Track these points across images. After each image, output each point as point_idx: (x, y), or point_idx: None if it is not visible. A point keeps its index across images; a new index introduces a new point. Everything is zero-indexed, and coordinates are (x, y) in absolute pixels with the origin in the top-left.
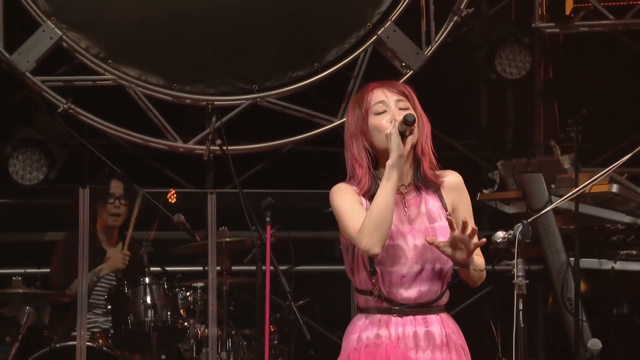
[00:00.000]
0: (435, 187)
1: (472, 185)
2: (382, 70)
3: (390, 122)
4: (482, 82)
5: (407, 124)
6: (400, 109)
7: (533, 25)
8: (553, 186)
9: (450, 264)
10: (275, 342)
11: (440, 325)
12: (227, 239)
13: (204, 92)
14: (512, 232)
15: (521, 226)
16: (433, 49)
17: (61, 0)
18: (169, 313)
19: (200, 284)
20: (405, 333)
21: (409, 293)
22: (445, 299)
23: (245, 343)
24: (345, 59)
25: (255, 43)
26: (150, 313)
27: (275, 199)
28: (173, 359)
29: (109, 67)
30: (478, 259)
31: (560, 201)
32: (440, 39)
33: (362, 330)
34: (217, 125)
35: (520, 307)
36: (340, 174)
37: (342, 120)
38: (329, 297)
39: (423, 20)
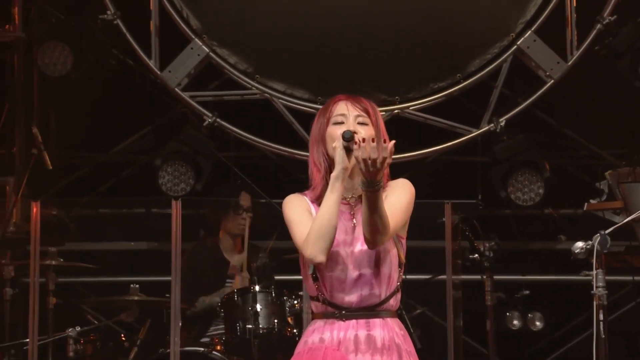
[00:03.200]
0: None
1: None
2: (524, 80)
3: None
4: (625, 90)
5: (344, 139)
6: (359, 123)
7: None
8: None
9: (390, 266)
10: None
11: (384, 329)
12: None
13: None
14: (590, 242)
15: (599, 237)
16: (575, 58)
17: (212, 18)
18: (276, 320)
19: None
20: (347, 336)
21: (350, 297)
22: (393, 303)
23: None
24: (487, 69)
25: (399, 55)
26: (258, 321)
27: None
28: None
29: (256, 81)
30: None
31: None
32: (583, 48)
33: (309, 335)
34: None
35: (601, 317)
36: (477, 183)
37: (483, 130)
38: (442, 307)
39: (568, 28)
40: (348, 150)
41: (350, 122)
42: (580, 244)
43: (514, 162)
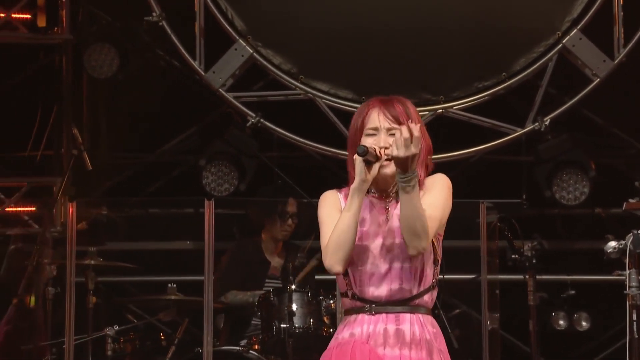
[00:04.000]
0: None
1: None
2: (570, 78)
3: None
4: None
5: (358, 154)
6: (391, 134)
7: None
8: None
9: (423, 261)
10: None
11: (414, 324)
12: None
13: None
14: (623, 242)
15: (632, 236)
16: (622, 56)
17: (257, 19)
18: (312, 320)
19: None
20: (376, 330)
21: (379, 291)
22: (427, 299)
23: None
24: (532, 68)
25: (443, 54)
26: (294, 320)
27: None
28: None
29: (300, 81)
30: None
31: None
32: (630, 46)
33: (341, 332)
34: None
35: (634, 317)
36: (521, 183)
37: (527, 129)
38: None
39: (616, 26)
40: (368, 163)
41: (382, 136)
42: (613, 243)
43: (559, 162)
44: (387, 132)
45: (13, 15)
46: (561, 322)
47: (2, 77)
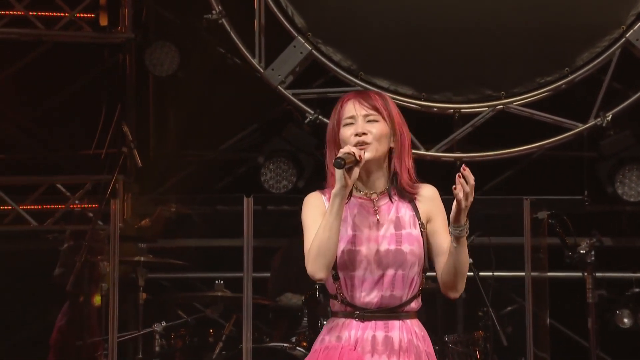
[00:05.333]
0: (410, 198)
1: None
2: (634, 72)
3: (355, 135)
4: None
5: (336, 167)
6: (369, 121)
7: None
8: None
9: (416, 269)
10: (479, 347)
11: (402, 330)
12: None
13: (451, 100)
14: None
15: None
16: None
17: (317, 16)
18: None
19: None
20: (364, 337)
21: (370, 298)
22: (414, 305)
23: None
24: (595, 62)
25: (505, 50)
26: None
27: (481, 205)
28: None
29: (360, 78)
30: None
31: None
32: None
33: (327, 333)
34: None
35: None
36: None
37: (589, 125)
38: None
39: None
40: (348, 169)
41: (359, 123)
42: None
43: (621, 157)
44: (364, 119)
45: (77, 15)
46: (626, 320)
47: (67, 76)
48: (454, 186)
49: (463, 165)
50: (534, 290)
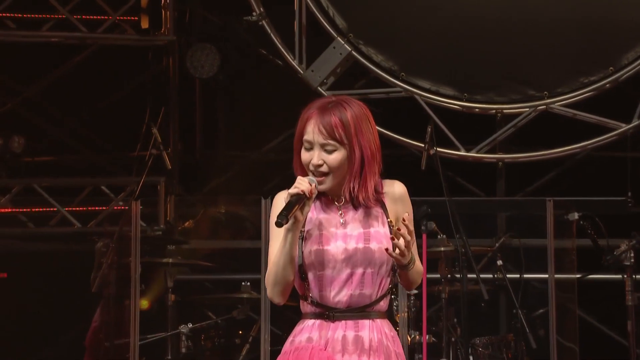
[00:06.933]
0: (376, 198)
1: None
2: None
3: (311, 165)
4: None
5: (277, 226)
6: (326, 150)
7: None
8: None
9: (385, 268)
10: (509, 350)
11: (372, 330)
12: (442, 248)
13: (493, 100)
14: None
15: None
16: None
17: (359, 16)
18: None
19: (414, 291)
20: (334, 337)
21: (340, 297)
22: (383, 304)
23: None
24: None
25: (550, 50)
26: None
27: (511, 207)
28: None
29: (401, 79)
30: (418, 262)
31: None
32: None
33: (297, 334)
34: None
35: None
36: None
37: (633, 125)
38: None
39: None
40: (302, 206)
41: (316, 152)
42: None
43: None
44: (321, 148)
45: (119, 18)
46: None
47: (113, 79)
48: (387, 248)
49: (404, 217)
50: (564, 292)
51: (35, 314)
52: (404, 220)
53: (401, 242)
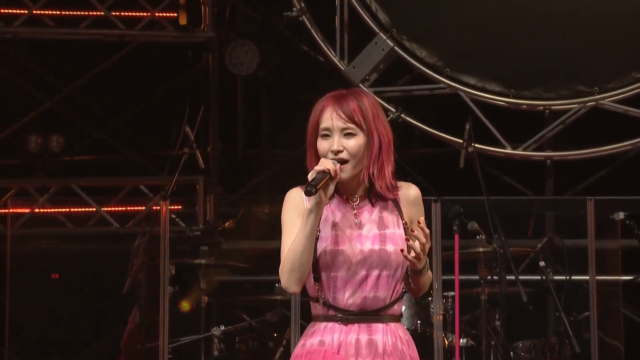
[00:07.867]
0: (392, 199)
1: None
2: None
3: (331, 152)
4: None
5: (307, 195)
6: (346, 134)
7: None
8: None
9: (400, 272)
10: (553, 353)
11: (386, 334)
12: (481, 249)
13: (541, 96)
14: None
15: None
16: None
17: (402, 12)
18: (419, 322)
19: (451, 293)
20: (347, 340)
21: (354, 299)
22: (397, 308)
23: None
24: None
25: (599, 44)
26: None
27: (554, 206)
28: None
29: (444, 76)
30: (429, 270)
31: None
32: None
33: (309, 337)
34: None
35: None
36: None
37: None
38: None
39: None
40: (325, 186)
41: (335, 138)
42: None
43: None
44: (340, 133)
45: (158, 14)
46: None
47: (152, 76)
48: (402, 250)
49: (420, 219)
50: (609, 293)
51: (76, 314)
52: (419, 222)
53: (417, 244)
